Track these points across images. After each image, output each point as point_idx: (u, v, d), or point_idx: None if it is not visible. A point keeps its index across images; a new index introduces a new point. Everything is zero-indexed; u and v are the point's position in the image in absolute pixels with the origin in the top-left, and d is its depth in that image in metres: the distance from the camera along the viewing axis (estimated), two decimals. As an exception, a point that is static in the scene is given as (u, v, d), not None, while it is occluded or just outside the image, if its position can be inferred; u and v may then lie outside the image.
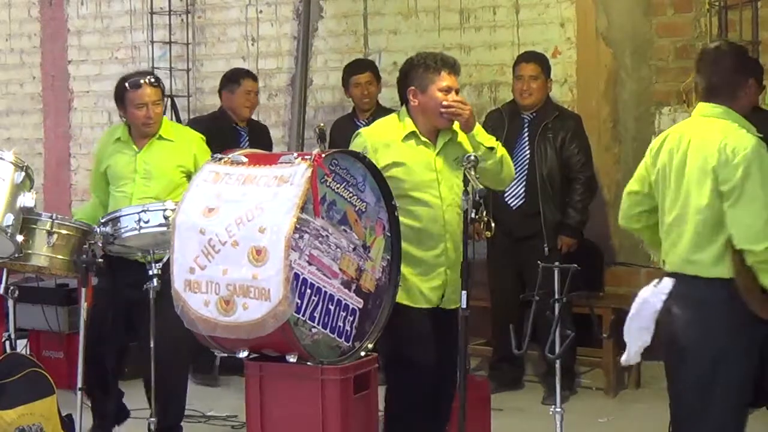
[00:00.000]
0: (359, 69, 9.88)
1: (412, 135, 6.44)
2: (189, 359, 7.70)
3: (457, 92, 6.46)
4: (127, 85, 7.52)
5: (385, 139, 6.45)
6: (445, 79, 6.44)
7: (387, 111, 9.53)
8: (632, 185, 5.99)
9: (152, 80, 7.58)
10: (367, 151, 6.30)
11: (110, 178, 7.61)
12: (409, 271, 6.37)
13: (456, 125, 6.46)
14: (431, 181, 6.40)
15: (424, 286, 6.41)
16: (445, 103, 6.38)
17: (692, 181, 5.61)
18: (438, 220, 6.38)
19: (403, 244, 6.30)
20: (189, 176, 7.47)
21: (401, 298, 6.33)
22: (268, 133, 10.22)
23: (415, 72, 6.50)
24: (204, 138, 7.89)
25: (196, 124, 10.23)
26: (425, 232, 6.38)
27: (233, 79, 9.98)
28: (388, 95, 10.25)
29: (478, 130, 6.51)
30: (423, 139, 6.43)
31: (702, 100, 5.86)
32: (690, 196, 5.60)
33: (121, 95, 7.57)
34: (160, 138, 7.57)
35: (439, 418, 6.60)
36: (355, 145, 6.46)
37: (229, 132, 9.71)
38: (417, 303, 6.40)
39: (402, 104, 6.61)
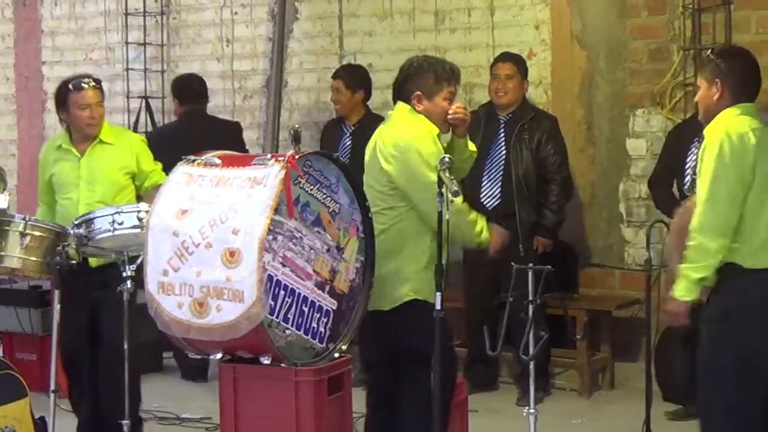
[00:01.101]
0: (333, 75, 9.88)
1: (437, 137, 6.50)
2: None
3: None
4: (70, 86, 7.51)
5: None
6: (451, 89, 6.52)
7: (377, 118, 9.56)
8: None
9: (94, 83, 7.57)
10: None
11: (55, 186, 7.59)
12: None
13: None
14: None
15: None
16: (452, 111, 6.46)
17: None
18: None
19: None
20: (133, 177, 7.57)
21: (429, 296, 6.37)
22: (235, 126, 10.26)
23: (424, 79, 6.51)
24: (144, 140, 7.92)
25: (159, 132, 10.34)
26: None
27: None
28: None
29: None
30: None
31: None
32: None
33: (63, 98, 7.56)
34: (101, 142, 7.53)
35: None
36: (437, 153, 6.34)
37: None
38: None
39: (393, 100, 6.62)
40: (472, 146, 6.67)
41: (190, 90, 10.23)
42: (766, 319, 5.67)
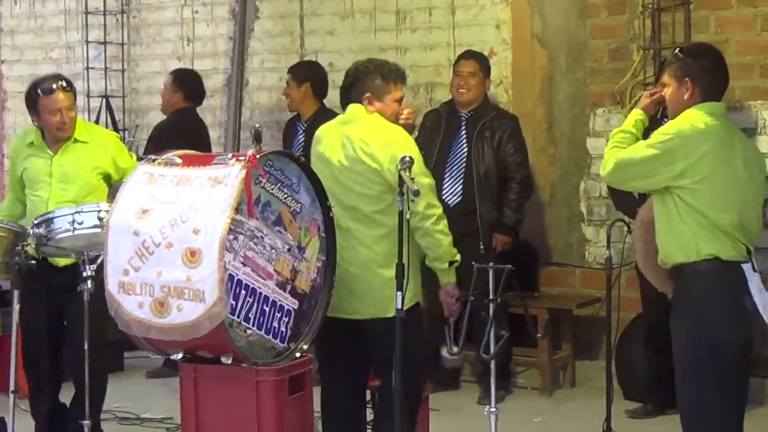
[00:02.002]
0: (290, 69, 9.89)
1: None
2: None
3: None
4: (39, 91, 7.39)
5: None
6: (400, 90, 6.55)
7: (331, 113, 9.57)
8: None
9: (64, 85, 7.48)
10: None
11: (26, 181, 7.54)
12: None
13: None
14: None
15: None
16: (404, 113, 6.60)
17: None
18: None
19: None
20: (106, 177, 7.53)
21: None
22: (199, 129, 10.23)
23: (371, 80, 6.51)
24: (118, 136, 7.92)
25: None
26: None
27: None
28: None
29: None
30: None
31: None
32: None
33: (33, 101, 7.45)
34: (76, 141, 7.48)
35: None
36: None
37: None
38: None
39: (343, 105, 6.62)
40: None
41: (200, 90, 10.27)
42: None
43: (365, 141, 6.35)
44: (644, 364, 8.40)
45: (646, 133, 6.57)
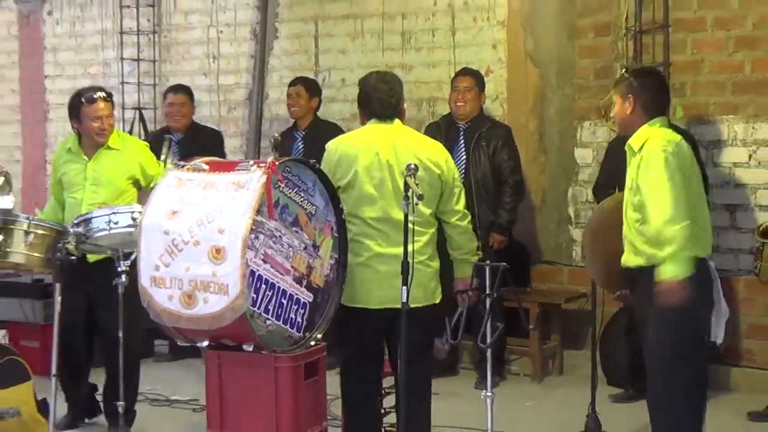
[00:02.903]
0: (293, 82, 9.87)
1: None
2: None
3: None
4: (83, 99, 7.45)
5: None
6: None
7: (325, 123, 9.60)
8: None
9: (105, 95, 7.55)
10: None
11: (64, 184, 7.59)
12: None
13: None
14: None
15: None
16: None
17: None
18: None
19: None
20: (135, 182, 7.58)
21: None
22: (212, 135, 10.18)
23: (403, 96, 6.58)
24: (148, 145, 7.92)
25: (155, 135, 10.35)
26: None
27: (164, 94, 9.98)
28: (335, 108, 10.30)
29: None
30: None
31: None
32: None
33: (76, 109, 7.50)
34: (108, 148, 7.52)
35: None
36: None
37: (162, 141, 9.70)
38: None
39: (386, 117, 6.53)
40: None
41: None
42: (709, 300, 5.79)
43: (429, 151, 6.43)
44: (625, 353, 8.37)
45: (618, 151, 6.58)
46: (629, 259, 5.85)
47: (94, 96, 7.46)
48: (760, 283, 8.04)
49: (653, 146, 5.74)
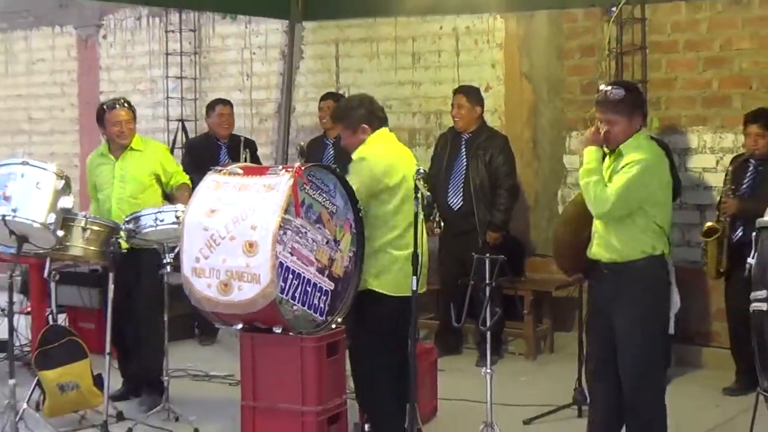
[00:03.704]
0: (323, 97, 9.84)
1: None
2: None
3: None
4: (105, 107, 7.66)
5: None
6: None
7: None
8: None
9: (124, 103, 7.68)
10: None
11: (97, 185, 7.71)
12: None
13: None
14: None
15: None
16: None
17: None
18: None
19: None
20: (157, 179, 7.64)
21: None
22: (251, 143, 10.15)
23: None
24: (168, 148, 8.00)
25: (190, 142, 10.36)
26: None
27: (210, 106, 9.98)
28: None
29: None
30: None
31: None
32: None
33: (101, 116, 7.67)
34: (132, 149, 7.62)
35: None
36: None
37: (212, 147, 9.68)
38: None
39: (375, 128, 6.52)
40: None
41: None
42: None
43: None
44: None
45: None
46: (600, 254, 5.69)
47: (115, 104, 7.64)
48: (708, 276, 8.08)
49: (643, 156, 5.57)
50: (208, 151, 9.54)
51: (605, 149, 5.64)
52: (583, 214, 5.77)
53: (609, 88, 5.64)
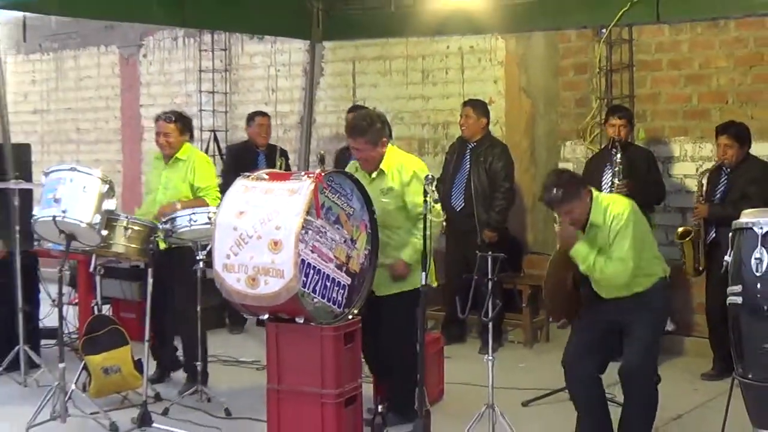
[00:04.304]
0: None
1: None
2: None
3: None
4: (154, 118, 7.78)
5: None
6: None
7: None
8: None
9: (167, 117, 7.68)
10: None
11: (147, 186, 7.82)
12: None
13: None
14: None
15: None
16: None
17: None
18: None
19: None
20: (191, 186, 7.56)
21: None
22: (285, 152, 10.15)
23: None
24: (209, 161, 8.02)
25: (232, 147, 10.39)
26: None
27: (250, 117, 9.99)
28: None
29: None
30: None
31: None
32: None
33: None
34: (177, 159, 7.59)
35: None
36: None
37: (251, 153, 9.70)
38: None
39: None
40: None
41: None
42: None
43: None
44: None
45: (599, 162, 6.46)
46: (621, 293, 5.82)
47: (159, 117, 7.69)
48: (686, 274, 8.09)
49: (622, 212, 5.74)
50: (246, 156, 9.57)
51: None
52: (560, 275, 6.01)
53: (551, 191, 5.74)
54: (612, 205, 5.76)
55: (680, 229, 7.92)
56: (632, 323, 5.78)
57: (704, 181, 7.86)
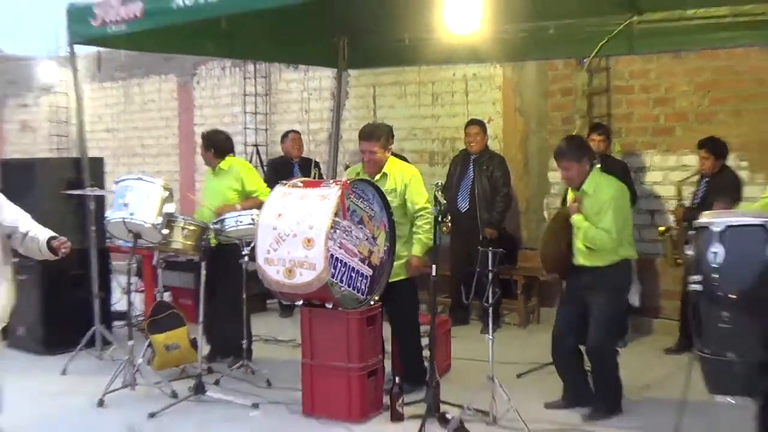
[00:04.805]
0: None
1: None
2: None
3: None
4: None
5: None
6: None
7: (396, 155, 9.58)
8: None
9: (203, 134, 7.80)
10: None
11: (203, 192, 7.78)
12: None
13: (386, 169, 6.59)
14: None
15: None
16: None
17: None
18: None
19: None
20: (237, 191, 7.54)
21: None
22: (318, 164, 10.16)
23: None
24: (247, 163, 8.05)
25: (272, 161, 10.33)
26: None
27: (284, 135, 10.02)
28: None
29: None
30: None
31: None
32: None
33: None
34: (220, 169, 7.61)
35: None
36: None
37: (288, 165, 9.72)
38: None
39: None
40: None
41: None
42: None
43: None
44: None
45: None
46: (586, 262, 5.96)
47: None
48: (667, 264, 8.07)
49: (611, 193, 5.87)
50: (284, 168, 9.58)
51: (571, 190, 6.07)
52: (557, 237, 6.06)
53: (561, 145, 6.03)
54: (605, 183, 5.91)
55: (661, 228, 7.91)
56: (592, 304, 5.92)
57: (681, 188, 7.85)
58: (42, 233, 5.37)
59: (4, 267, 5.32)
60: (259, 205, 7.14)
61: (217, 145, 7.66)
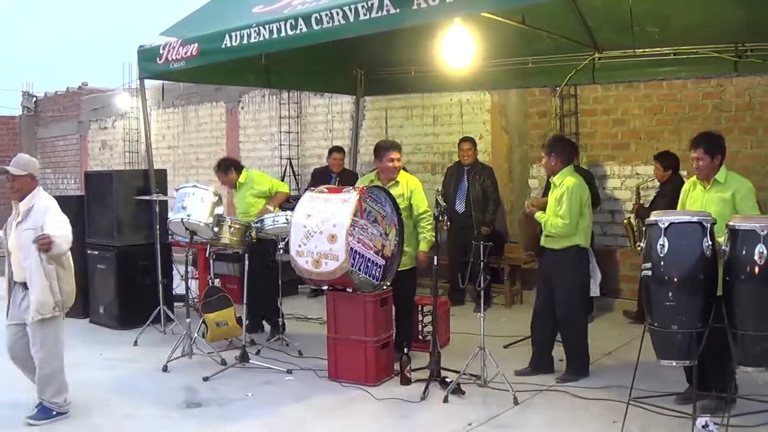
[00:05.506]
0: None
1: None
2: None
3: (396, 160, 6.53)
4: None
5: None
6: (392, 154, 6.51)
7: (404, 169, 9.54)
8: None
9: (219, 165, 7.85)
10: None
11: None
12: None
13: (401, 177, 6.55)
14: None
15: None
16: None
17: None
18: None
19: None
20: (262, 197, 7.54)
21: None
22: (354, 175, 10.09)
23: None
24: (262, 174, 7.96)
25: (315, 171, 10.16)
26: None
27: (330, 151, 9.96)
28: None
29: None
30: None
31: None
32: None
33: None
34: (240, 184, 7.67)
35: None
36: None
37: (328, 176, 9.66)
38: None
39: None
40: None
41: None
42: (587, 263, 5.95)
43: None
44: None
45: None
46: (548, 244, 5.99)
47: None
48: (631, 251, 8.03)
49: (569, 184, 5.83)
50: (323, 178, 9.49)
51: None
52: (528, 227, 6.20)
53: (548, 140, 6.14)
54: (567, 177, 5.93)
55: (625, 221, 7.97)
56: (556, 287, 5.97)
57: (640, 191, 7.94)
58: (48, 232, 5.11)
59: (48, 265, 5.11)
60: (282, 198, 7.36)
61: (237, 165, 7.85)
